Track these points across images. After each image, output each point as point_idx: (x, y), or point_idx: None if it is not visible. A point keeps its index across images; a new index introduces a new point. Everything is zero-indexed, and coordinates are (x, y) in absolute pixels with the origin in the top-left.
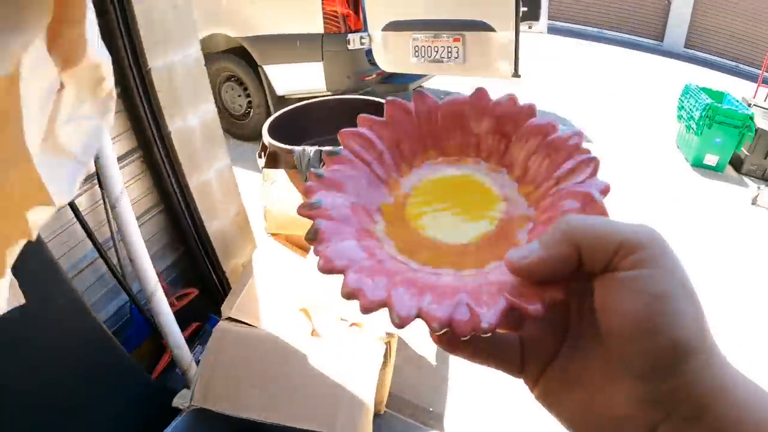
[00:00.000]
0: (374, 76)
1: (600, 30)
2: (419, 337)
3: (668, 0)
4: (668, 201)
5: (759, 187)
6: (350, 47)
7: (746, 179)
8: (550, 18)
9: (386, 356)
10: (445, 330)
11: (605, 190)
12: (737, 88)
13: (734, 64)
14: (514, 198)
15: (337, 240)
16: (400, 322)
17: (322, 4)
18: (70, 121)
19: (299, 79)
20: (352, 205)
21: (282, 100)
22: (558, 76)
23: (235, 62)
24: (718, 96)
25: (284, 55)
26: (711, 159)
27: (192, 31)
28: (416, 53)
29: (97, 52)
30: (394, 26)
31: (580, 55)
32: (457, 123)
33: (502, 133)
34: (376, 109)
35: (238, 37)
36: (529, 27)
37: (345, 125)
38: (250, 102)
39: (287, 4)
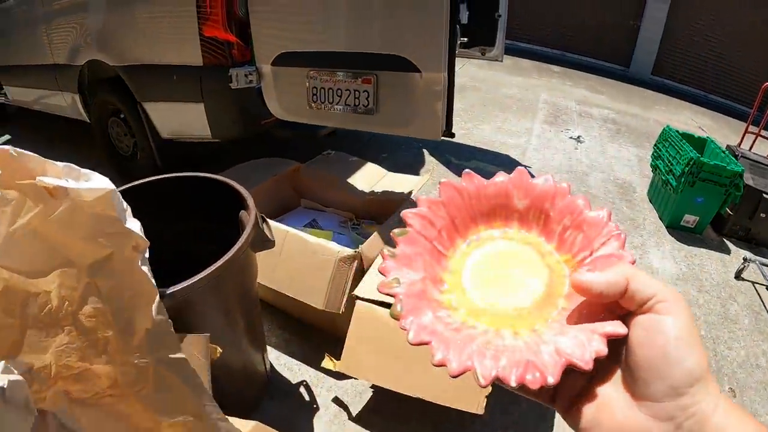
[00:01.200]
0: (273, 119)
1: (563, 53)
2: None
3: (635, 23)
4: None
5: (745, 259)
6: (234, 85)
7: (727, 242)
8: (509, 38)
9: None
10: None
11: (631, 264)
12: (704, 119)
13: (703, 93)
14: (555, 265)
15: (417, 315)
16: (484, 383)
17: (200, 27)
18: None
19: (181, 122)
20: (422, 279)
21: (168, 145)
22: (513, 108)
23: (116, 95)
24: (700, 143)
25: (162, 91)
26: (689, 220)
27: None
28: (314, 97)
29: None
30: (287, 59)
31: (538, 80)
32: (502, 200)
33: (541, 210)
34: (191, 187)
35: (115, 65)
36: (482, 53)
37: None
38: (136, 142)
39: (162, 26)
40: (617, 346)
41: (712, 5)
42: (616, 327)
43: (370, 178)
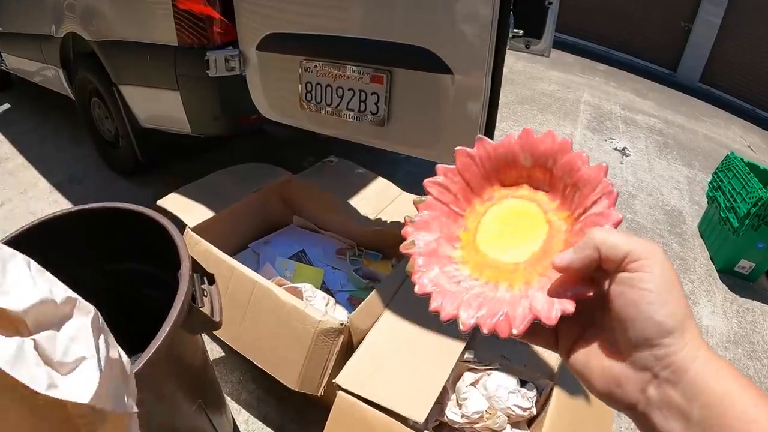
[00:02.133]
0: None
1: (608, 50)
2: None
3: (686, 25)
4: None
5: None
6: (212, 72)
7: None
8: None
9: None
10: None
11: (617, 223)
12: (753, 137)
13: (751, 107)
14: (555, 222)
15: (427, 270)
16: (464, 329)
17: None
18: None
19: (159, 111)
20: (437, 239)
21: (150, 135)
22: (552, 109)
23: (94, 74)
24: (765, 175)
25: (137, 74)
26: (745, 265)
27: None
28: (308, 95)
29: None
30: (276, 43)
31: (580, 77)
32: (510, 161)
33: (545, 167)
34: (116, 221)
35: (90, 40)
36: (526, 46)
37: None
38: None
39: None
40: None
41: None
42: (583, 289)
43: (379, 199)
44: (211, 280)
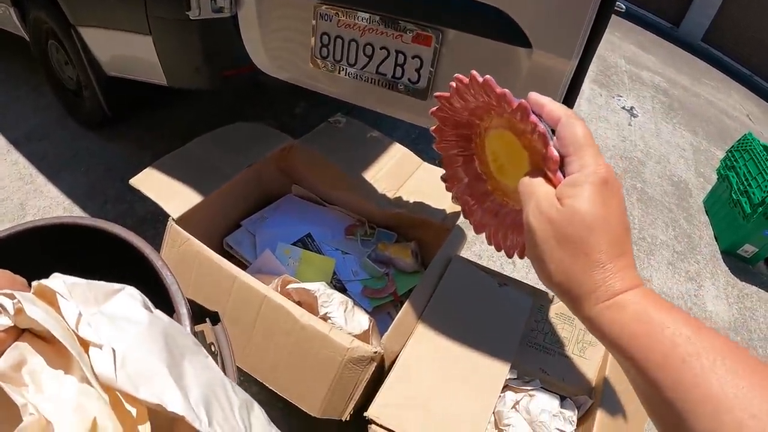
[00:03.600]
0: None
1: None
2: None
3: None
4: (683, 296)
5: None
6: (193, 14)
7: None
8: None
9: None
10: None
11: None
12: (750, 105)
13: (749, 73)
14: (529, 146)
15: (473, 213)
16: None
17: None
18: None
19: (127, 59)
20: (468, 182)
21: (118, 84)
22: None
23: (48, 12)
24: None
25: (99, 15)
26: (748, 249)
27: None
28: (323, 49)
29: None
30: None
31: None
32: (471, 105)
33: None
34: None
35: None
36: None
37: None
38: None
39: None
40: None
41: None
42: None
43: (397, 171)
44: (215, 319)
